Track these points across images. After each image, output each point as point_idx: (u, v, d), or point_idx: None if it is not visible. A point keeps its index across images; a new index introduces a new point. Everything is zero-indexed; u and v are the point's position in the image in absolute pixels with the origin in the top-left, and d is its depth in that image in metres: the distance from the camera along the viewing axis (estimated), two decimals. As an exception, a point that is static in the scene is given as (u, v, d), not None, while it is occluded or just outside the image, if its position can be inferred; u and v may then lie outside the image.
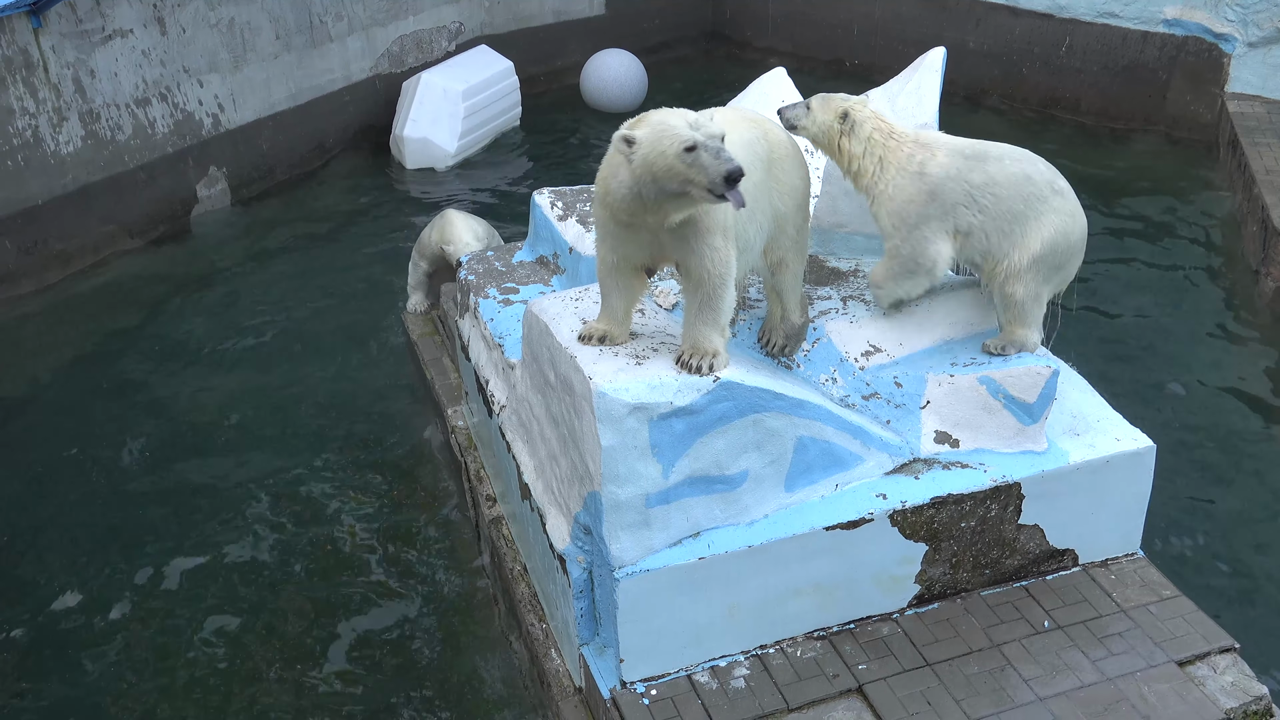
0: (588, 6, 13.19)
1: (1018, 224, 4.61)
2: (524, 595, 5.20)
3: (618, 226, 4.02)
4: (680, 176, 3.66)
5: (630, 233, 4.02)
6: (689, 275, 4.06)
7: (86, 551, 6.41)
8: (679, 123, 3.68)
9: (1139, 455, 4.80)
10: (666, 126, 3.68)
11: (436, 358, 7.10)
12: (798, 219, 4.54)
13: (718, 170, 3.60)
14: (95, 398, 7.79)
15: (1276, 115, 10.08)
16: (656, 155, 3.66)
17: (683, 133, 3.64)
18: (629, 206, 3.86)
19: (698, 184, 3.65)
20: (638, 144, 3.70)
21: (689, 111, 3.78)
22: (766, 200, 4.30)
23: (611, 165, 3.89)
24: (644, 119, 3.78)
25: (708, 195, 3.67)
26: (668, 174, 3.67)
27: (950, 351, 4.87)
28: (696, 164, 3.62)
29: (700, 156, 3.62)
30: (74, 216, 9.16)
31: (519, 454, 5.07)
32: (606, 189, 3.93)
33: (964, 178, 4.58)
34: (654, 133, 3.69)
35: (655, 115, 3.77)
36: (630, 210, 3.87)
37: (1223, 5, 10.46)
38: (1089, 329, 8.15)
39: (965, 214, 4.60)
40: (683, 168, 3.64)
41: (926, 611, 4.69)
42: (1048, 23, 11.58)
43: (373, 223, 10.20)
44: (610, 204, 3.93)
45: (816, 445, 4.43)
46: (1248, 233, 8.93)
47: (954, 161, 4.60)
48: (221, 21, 9.98)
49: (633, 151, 3.72)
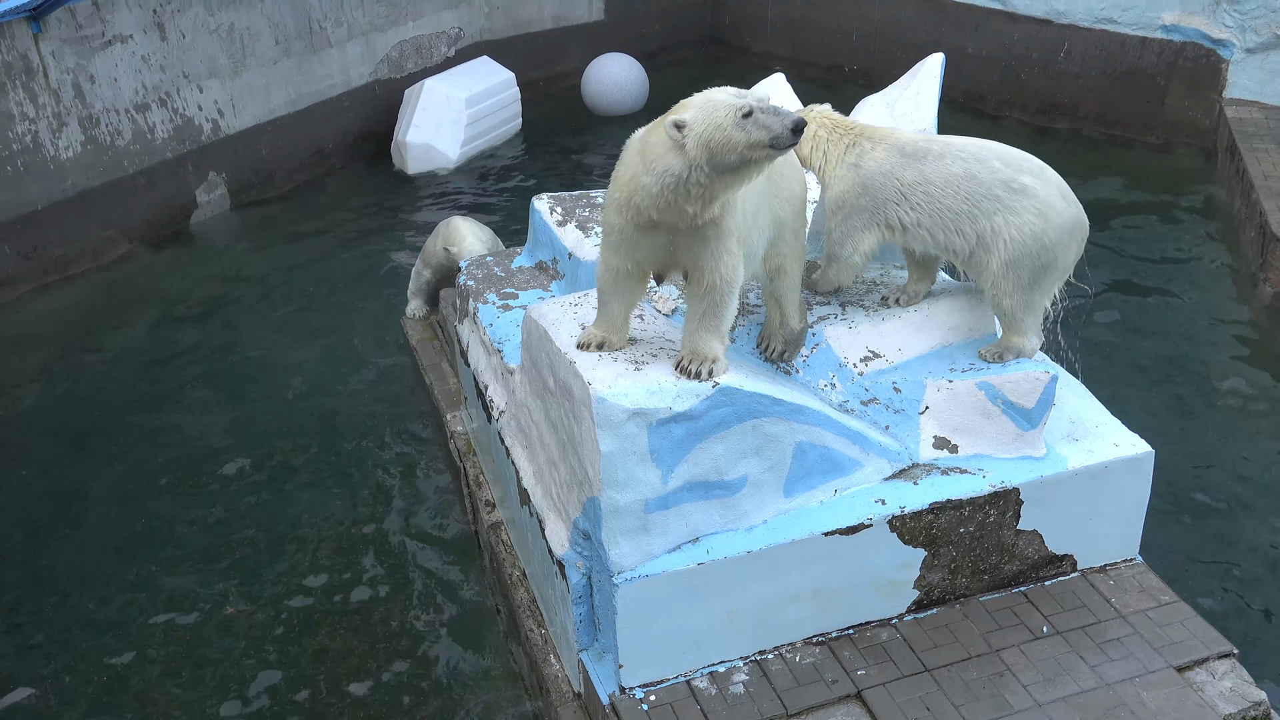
0: (587, 12, 13.22)
1: (968, 223, 4.58)
2: (523, 600, 5.20)
3: (637, 231, 3.97)
4: (740, 145, 3.67)
5: (649, 237, 3.98)
6: (698, 281, 4.06)
7: (87, 557, 6.40)
8: (726, 95, 3.73)
9: (1137, 461, 4.81)
10: (715, 102, 3.71)
11: (435, 363, 7.11)
12: (795, 225, 4.56)
13: (782, 125, 3.65)
14: (94, 402, 7.79)
15: (1274, 121, 10.10)
16: (713, 129, 3.67)
17: (735, 101, 3.68)
18: (668, 200, 3.80)
19: (759, 145, 3.67)
20: (689, 125, 3.69)
21: (727, 87, 3.81)
22: (768, 206, 4.31)
23: (648, 159, 3.81)
24: (685, 104, 3.78)
25: (770, 153, 3.70)
26: (726, 146, 3.67)
27: (949, 357, 4.87)
28: (757, 125, 3.66)
29: (759, 118, 3.66)
30: (73, 221, 9.16)
31: (518, 459, 5.07)
32: (634, 189, 3.86)
33: (895, 174, 4.63)
34: (705, 110, 3.70)
35: (697, 97, 3.78)
36: (668, 205, 3.81)
37: (1220, 11, 10.48)
38: (1088, 335, 8.15)
39: (896, 210, 4.65)
40: (742, 135, 3.66)
41: (925, 617, 4.70)
42: (1046, 28, 11.60)
43: (371, 228, 10.21)
44: (639, 204, 3.87)
45: (815, 451, 4.43)
46: (1245, 238, 8.94)
47: (889, 158, 4.66)
48: (221, 27, 9.99)
49: (685, 135, 3.70)
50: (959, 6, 12.13)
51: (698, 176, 3.73)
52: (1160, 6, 10.83)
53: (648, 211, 3.88)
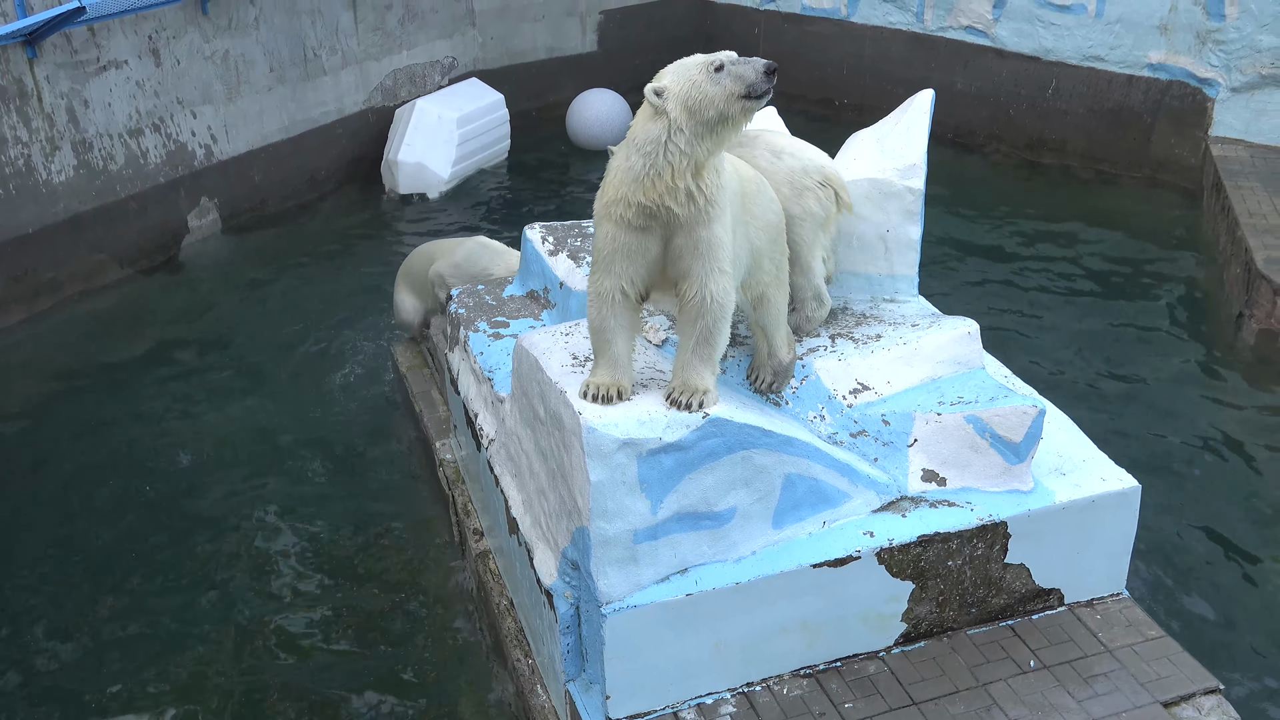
0: (579, 43, 13.33)
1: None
2: (510, 630, 5.18)
3: (629, 235, 3.97)
4: (718, 99, 3.79)
5: (641, 241, 3.98)
6: (688, 303, 4.06)
7: (73, 581, 6.37)
8: (696, 57, 3.89)
9: (1124, 495, 4.83)
10: (687, 64, 3.88)
11: (425, 390, 7.11)
12: (774, 253, 4.55)
13: (755, 70, 3.78)
14: (85, 426, 7.76)
15: (1260, 159, 10.21)
16: (690, 87, 3.80)
17: (705, 58, 3.85)
18: (655, 173, 3.86)
19: (735, 96, 3.79)
20: (667, 89, 3.84)
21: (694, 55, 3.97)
22: (743, 235, 4.31)
23: (630, 141, 3.93)
24: (659, 74, 3.94)
25: (745, 104, 3.81)
26: (704, 102, 3.79)
27: (938, 390, 4.90)
28: (732, 76, 3.79)
29: (731, 69, 3.80)
30: (65, 245, 9.16)
31: (507, 488, 5.07)
32: (621, 179, 3.94)
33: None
34: (679, 72, 3.86)
35: (670, 65, 3.94)
36: (654, 180, 3.87)
37: (1206, 50, 10.62)
38: (1074, 369, 8.20)
39: None
40: (717, 89, 3.78)
41: (913, 650, 4.70)
42: (1034, 65, 11.73)
43: (363, 254, 10.23)
44: (626, 194, 3.92)
45: (804, 482, 4.44)
46: (1231, 275, 9.02)
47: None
48: (216, 54, 10.04)
49: (665, 98, 3.83)
50: (948, 43, 12.26)
51: (678, 140, 3.83)
52: (1147, 45, 10.97)
53: (637, 197, 3.90)
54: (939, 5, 12.20)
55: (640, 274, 4.06)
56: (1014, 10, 11.68)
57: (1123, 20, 11.02)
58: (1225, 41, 10.44)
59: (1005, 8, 11.72)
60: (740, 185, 4.36)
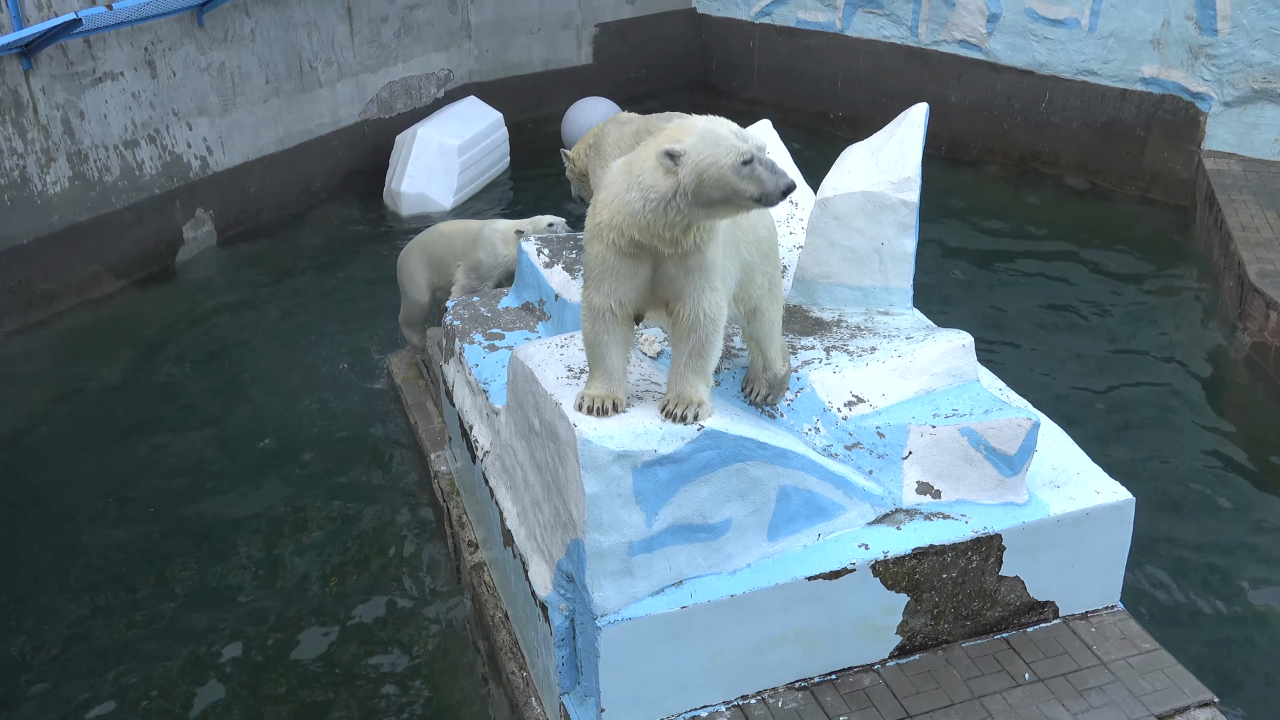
0: (575, 56, 13.36)
1: None
2: (505, 642, 5.17)
3: (619, 259, 3.95)
4: (731, 187, 3.72)
5: (632, 266, 3.97)
6: (681, 318, 4.05)
7: (66, 591, 6.35)
8: (728, 133, 3.74)
9: (1119, 508, 4.83)
10: (719, 138, 3.73)
11: (420, 402, 7.11)
12: (766, 267, 4.55)
13: (775, 185, 3.71)
14: (78, 438, 7.75)
15: (1252, 173, 10.26)
16: (709, 164, 3.69)
17: (738, 145, 3.71)
18: (649, 219, 3.81)
19: (746, 194, 3.72)
20: (686, 154, 3.71)
21: (726, 120, 3.83)
22: (734, 250, 4.31)
23: (634, 174, 3.83)
24: (685, 126, 3.79)
25: (753, 204, 3.76)
26: (718, 184, 3.71)
27: (932, 402, 4.91)
28: (752, 177, 3.70)
29: (756, 170, 3.70)
30: (59, 256, 9.16)
31: (502, 500, 5.07)
32: (617, 208, 3.86)
33: None
34: (706, 143, 3.72)
35: (698, 123, 3.79)
36: (648, 225, 3.82)
37: (1199, 65, 10.67)
38: (1067, 382, 8.22)
39: None
40: (736, 179, 3.70)
41: (908, 663, 4.69)
42: (1028, 79, 11.78)
43: (358, 266, 10.23)
44: (620, 223, 3.86)
45: (799, 495, 4.45)
46: (1224, 288, 9.05)
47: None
48: (212, 66, 10.05)
49: (681, 161, 3.72)
50: (943, 57, 12.31)
51: (680, 203, 3.77)
52: (1140, 60, 11.03)
53: (630, 231, 3.86)
54: (933, 19, 12.25)
55: (630, 294, 4.05)
56: (1007, 24, 11.73)
57: (1116, 35, 11.07)
58: (1217, 56, 10.50)
59: (999, 22, 11.77)
60: None
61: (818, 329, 5.32)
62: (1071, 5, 11.25)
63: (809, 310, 5.46)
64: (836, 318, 5.41)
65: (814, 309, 5.48)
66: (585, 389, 4.21)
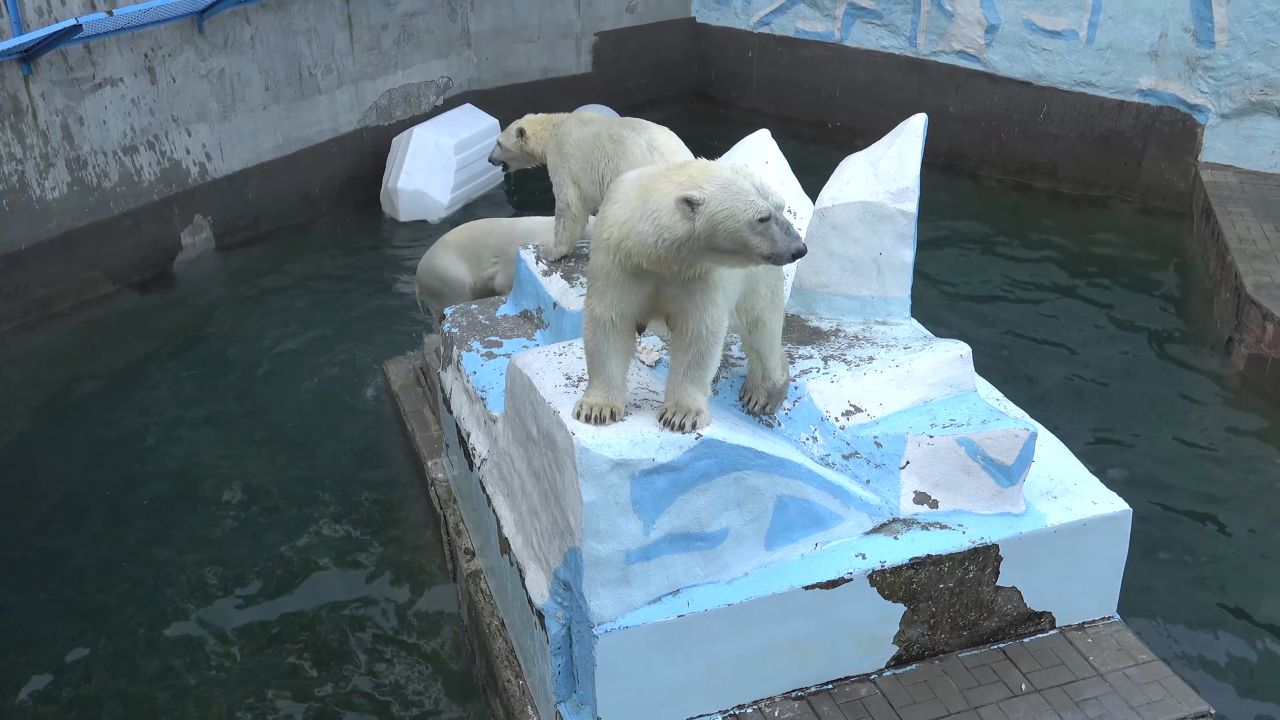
0: (574, 64, 13.38)
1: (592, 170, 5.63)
2: (501, 650, 5.17)
3: (624, 275, 3.97)
4: (744, 242, 3.73)
5: (635, 282, 3.99)
6: (682, 332, 4.07)
7: (61, 600, 6.33)
8: (750, 189, 3.73)
9: (1115, 519, 4.84)
10: (741, 192, 3.72)
11: (417, 409, 7.11)
12: (770, 278, 4.56)
13: (787, 247, 3.73)
14: (76, 442, 7.74)
15: (1249, 185, 10.28)
16: (726, 218, 3.70)
17: (758, 202, 3.71)
18: (660, 254, 3.82)
19: (757, 251, 3.74)
20: (705, 203, 3.70)
21: (751, 173, 3.82)
22: None
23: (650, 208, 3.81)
24: (708, 175, 3.78)
25: (761, 261, 3.78)
26: (732, 236, 3.72)
27: (930, 412, 4.91)
28: (766, 235, 3.71)
29: (772, 229, 3.71)
30: (57, 261, 9.16)
31: (499, 508, 5.07)
32: (627, 232, 3.86)
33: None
34: (726, 196, 3.71)
35: (722, 175, 3.77)
36: (658, 258, 3.84)
37: (1196, 77, 10.70)
38: (1065, 393, 8.23)
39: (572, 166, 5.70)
40: (750, 235, 3.71)
41: (905, 673, 4.69)
42: (1026, 90, 11.81)
43: (357, 273, 10.23)
44: (630, 248, 3.87)
45: (797, 504, 4.45)
46: (1221, 300, 9.06)
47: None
48: (212, 72, 10.07)
49: (697, 211, 3.72)
50: (941, 67, 12.34)
51: (692, 245, 3.78)
52: (1137, 71, 11.06)
53: (638, 258, 3.88)
54: (932, 30, 12.29)
55: (632, 308, 4.07)
56: (1006, 35, 11.77)
57: (1113, 46, 11.10)
58: (1215, 68, 10.53)
59: (997, 33, 11.81)
60: None
61: (816, 338, 5.33)
62: (1069, 17, 11.29)
63: (807, 320, 5.47)
64: (834, 327, 5.41)
65: (812, 318, 5.49)
66: (584, 397, 4.22)
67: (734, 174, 3.78)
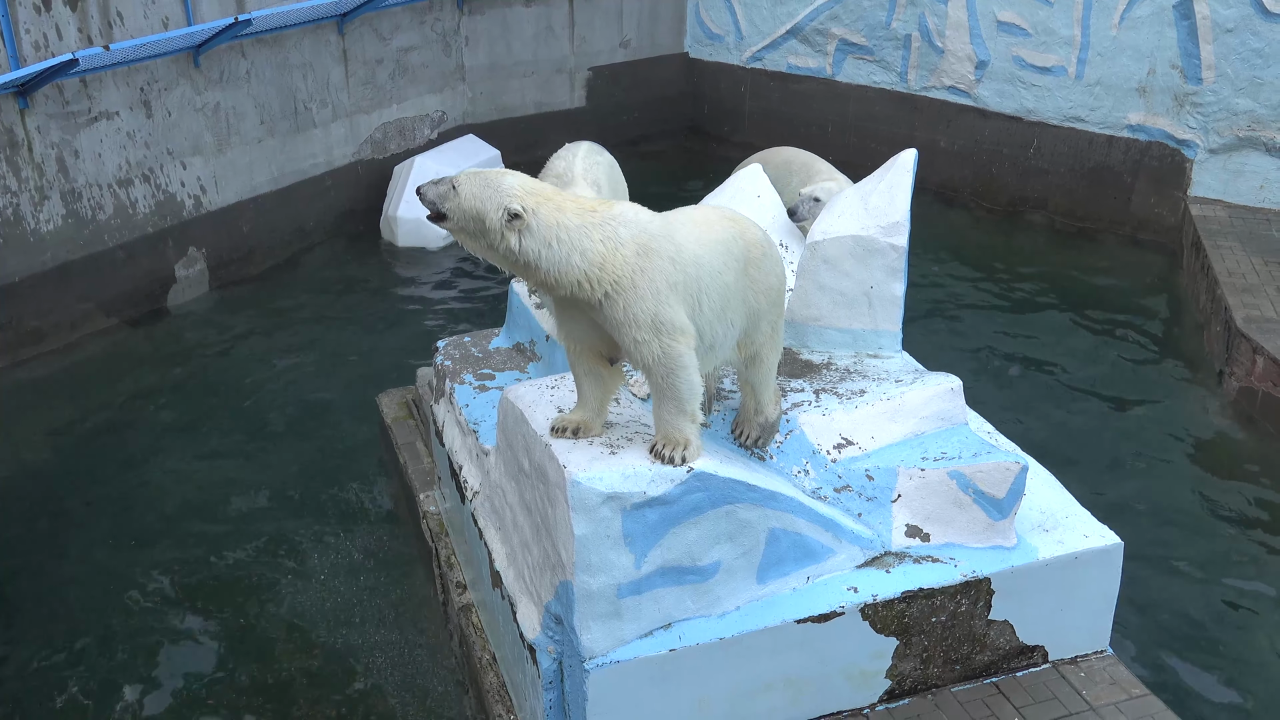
0: (568, 99, 13.47)
1: None
2: (493, 685, 5.14)
3: (559, 307, 4.19)
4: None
5: (572, 313, 4.12)
6: (635, 363, 4.11)
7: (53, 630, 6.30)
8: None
9: (1107, 552, 4.85)
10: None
11: (410, 442, 7.10)
12: (772, 315, 4.60)
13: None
14: (69, 474, 7.71)
15: (1238, 219, 10.36)
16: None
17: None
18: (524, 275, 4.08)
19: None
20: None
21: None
22: (740, 299, 4.34)
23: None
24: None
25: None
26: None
27: (921, 445, 4.92)
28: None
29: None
30: (51, 294, 9.16)
31: (491, 541, 5.06)
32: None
33: None
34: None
35: None
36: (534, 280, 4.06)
37: (1185, 113, 10.81)
38: (1055, 426, 8.25)
39: None
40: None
41: (897, 707, 4.68)
42: (1016, 125, 11.91)
43: (351, 305, 10.25)
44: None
45: (788, 537, 4.45)
46: (1211, 333, 9.11)
47: None
48: (207, 106, 10.12)
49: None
50: (932, 102, 12.45)
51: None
52: (1126, 107, 11.16)
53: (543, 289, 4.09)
54: (922, 65, 12.40)
55: (577, 334, 4.17)
56: (995, 71, 11.88)
57: (1102, 82, 11.21)
58: (1202, 104, 10.64)
59: (987, 69, 11.92)
60: (745, 250, 4.37)
61: (807, 371, 5.35)
62: (1058, 53, 11.41)
63: (798, 353, 5.49)
64: (826, 360, 5.44)
65: (803, 351, 5.52)
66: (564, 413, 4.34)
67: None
